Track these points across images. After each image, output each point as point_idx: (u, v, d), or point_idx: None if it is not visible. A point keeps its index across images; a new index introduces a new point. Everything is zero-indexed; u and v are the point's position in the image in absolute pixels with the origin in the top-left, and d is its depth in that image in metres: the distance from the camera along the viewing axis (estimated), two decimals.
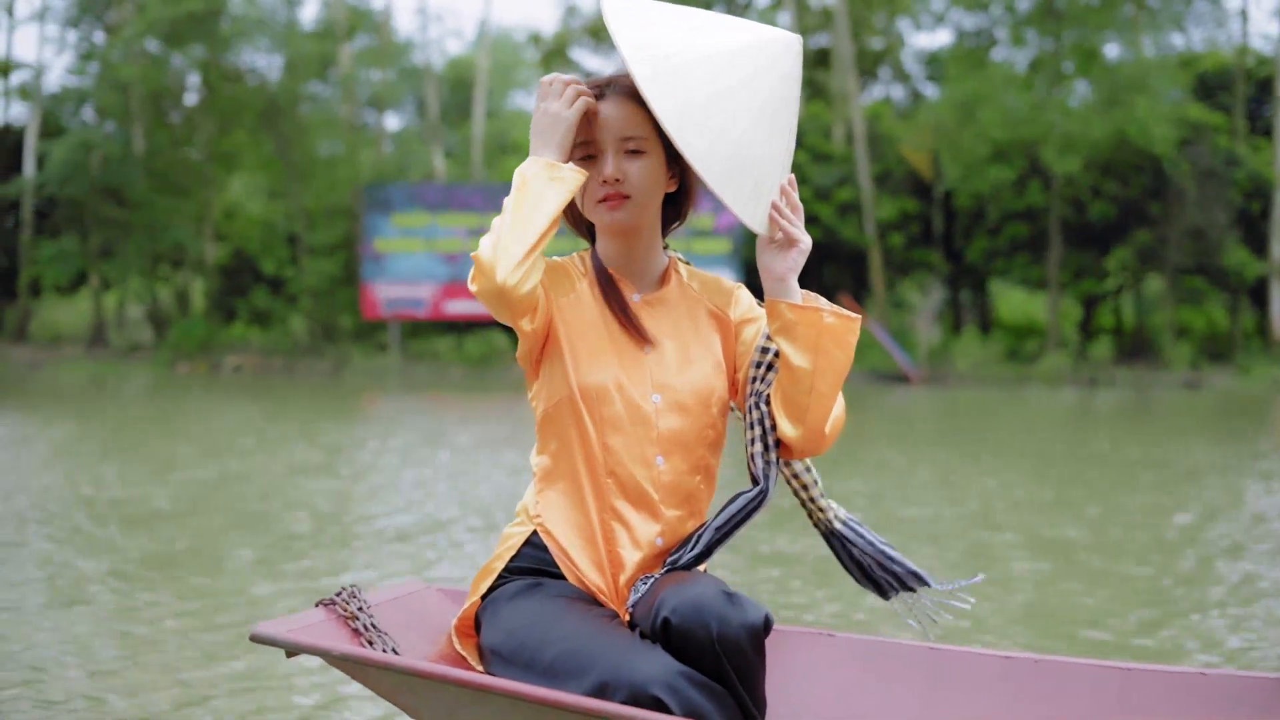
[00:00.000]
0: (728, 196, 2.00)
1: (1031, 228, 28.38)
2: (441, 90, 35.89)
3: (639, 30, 1.98)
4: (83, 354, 30.07)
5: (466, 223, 28.65)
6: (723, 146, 1.96)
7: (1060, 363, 26.65)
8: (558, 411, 2.14)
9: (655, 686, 1.78)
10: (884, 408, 18.47)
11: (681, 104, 1.94)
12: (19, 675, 3.49)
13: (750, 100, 2.00)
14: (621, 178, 2.09)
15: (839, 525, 2.24)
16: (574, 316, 2.15)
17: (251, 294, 31.12)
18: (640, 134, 2.10)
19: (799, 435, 2.09)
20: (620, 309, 2.17)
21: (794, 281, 2.08)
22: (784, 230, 2.07)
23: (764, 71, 2.02)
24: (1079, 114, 26.45)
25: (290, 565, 5.23)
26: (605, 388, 2.11)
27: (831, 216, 28.49)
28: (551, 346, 2.15)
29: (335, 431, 12.64)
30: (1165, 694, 2.08)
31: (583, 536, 2.12)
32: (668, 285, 2.23)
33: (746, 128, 1.99)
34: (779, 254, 2.08)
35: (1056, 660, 2.16)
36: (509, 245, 1.99)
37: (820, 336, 2.05)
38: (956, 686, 2.17)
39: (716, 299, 2.24)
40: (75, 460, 9.29)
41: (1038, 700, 2.13)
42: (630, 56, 1.95)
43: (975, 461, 10.35)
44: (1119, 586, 5.01)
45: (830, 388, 2.07)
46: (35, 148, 31.70)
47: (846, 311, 2.07)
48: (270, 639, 1.92)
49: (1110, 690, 2.10)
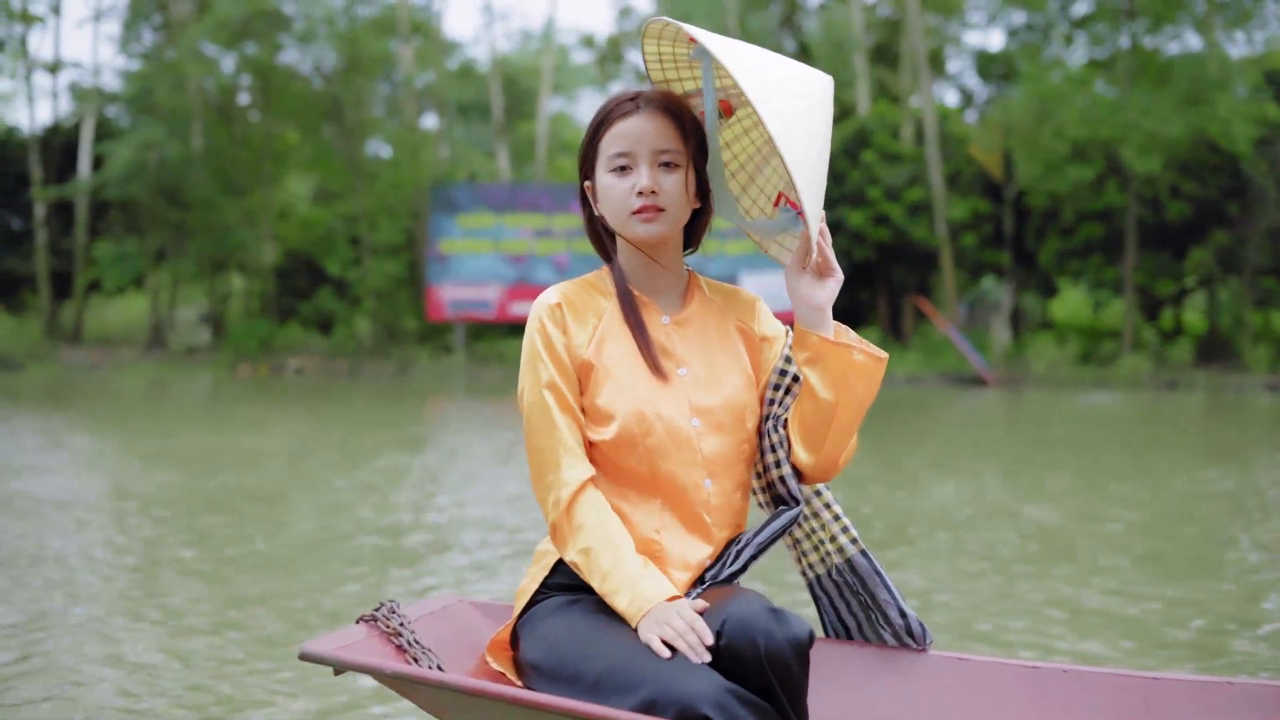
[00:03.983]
0: (808, 207, 1.99)
1: (1106, 228, 27.95)
2: (489, 91, 35.62)
3: (726, 43, 2.03)
4: (141, 356, 29.85)
5: (532, 223, 28.33)
6: (809, 156, 1.99)
7: (1138, 365, 26.23)
8: (604, 444, 2.13)
9: (704, 704, 1.79)
10: (968, 412, 18.08)
11: (777, 109, 1.97)
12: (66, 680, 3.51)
13: (816, 124, 2.04)
14: (658, 189, 2.10)
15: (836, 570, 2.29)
16: (606, 349, 2.15)
17: (316, 295, 30.82)
18: (675, 147, 2.12)
19: (813, 463, 2.15)
20: (649, 336, 2.17)
21: (829, 313, 2.11)
22: (825, 257, 2.09)
23: (820, 103, 2.07)
24: (1159, 112, 25.99)
25: (352, 570, 5.19)
26: (645, 416, 2.11)
27: (902, 216, 28.11)
28: (587, 380, 2.15)
29: (404, 436, 12.36)
30: (1193, 703, 2.09)
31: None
32: (693, 303, 2.23)
33: (818, 148, 2.03)
34: (818, 283, 2.11)
35: (1084, 670, 2.18)
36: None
37: (848, 372, 2.09)
38: (986, 696, 2.20)
39: (740, 313, 2.27)
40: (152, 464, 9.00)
41: (1067, 709, 2.15)
42: (727, 57, 1.98)
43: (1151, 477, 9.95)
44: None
45: (851, 422, 2.13)
46: (91, 149, 31.52)
47: (875, 350, 2.11)
48: (319, 657, 1.91)
49: (1137, 699, 2.12)
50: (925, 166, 28.58)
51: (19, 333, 31.23)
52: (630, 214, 2.11)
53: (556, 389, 2.12)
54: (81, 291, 32.15)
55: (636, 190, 2.09)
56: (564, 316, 2.15)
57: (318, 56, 30.42)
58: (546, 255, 28.29)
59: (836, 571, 2.30)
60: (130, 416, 14.69)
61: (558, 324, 2.15)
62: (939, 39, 34.89)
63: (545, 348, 2.14)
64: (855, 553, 2.28)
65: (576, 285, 2.21)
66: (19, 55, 32.24)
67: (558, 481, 2.09)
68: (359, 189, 29.95)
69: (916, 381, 26.01)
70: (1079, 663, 3.75)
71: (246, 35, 29.10)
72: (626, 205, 2.11)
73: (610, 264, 2.22)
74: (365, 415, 15.41)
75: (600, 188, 2.15)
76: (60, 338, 31.76)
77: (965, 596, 4.85)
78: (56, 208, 33.02)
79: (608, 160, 2.12)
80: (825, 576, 2.31)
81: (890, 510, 7.21)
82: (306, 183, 34.67)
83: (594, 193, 2.19)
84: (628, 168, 2.11)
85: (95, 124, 31.90)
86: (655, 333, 2.18)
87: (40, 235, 31.61)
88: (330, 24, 29.57)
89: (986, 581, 5.16)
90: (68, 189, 31.13)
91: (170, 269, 31.09)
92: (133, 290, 33.74)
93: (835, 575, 2.30)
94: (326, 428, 13.14)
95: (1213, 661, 3.88)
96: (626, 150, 2.10)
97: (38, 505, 6.95)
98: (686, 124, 2.15)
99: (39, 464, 9.02)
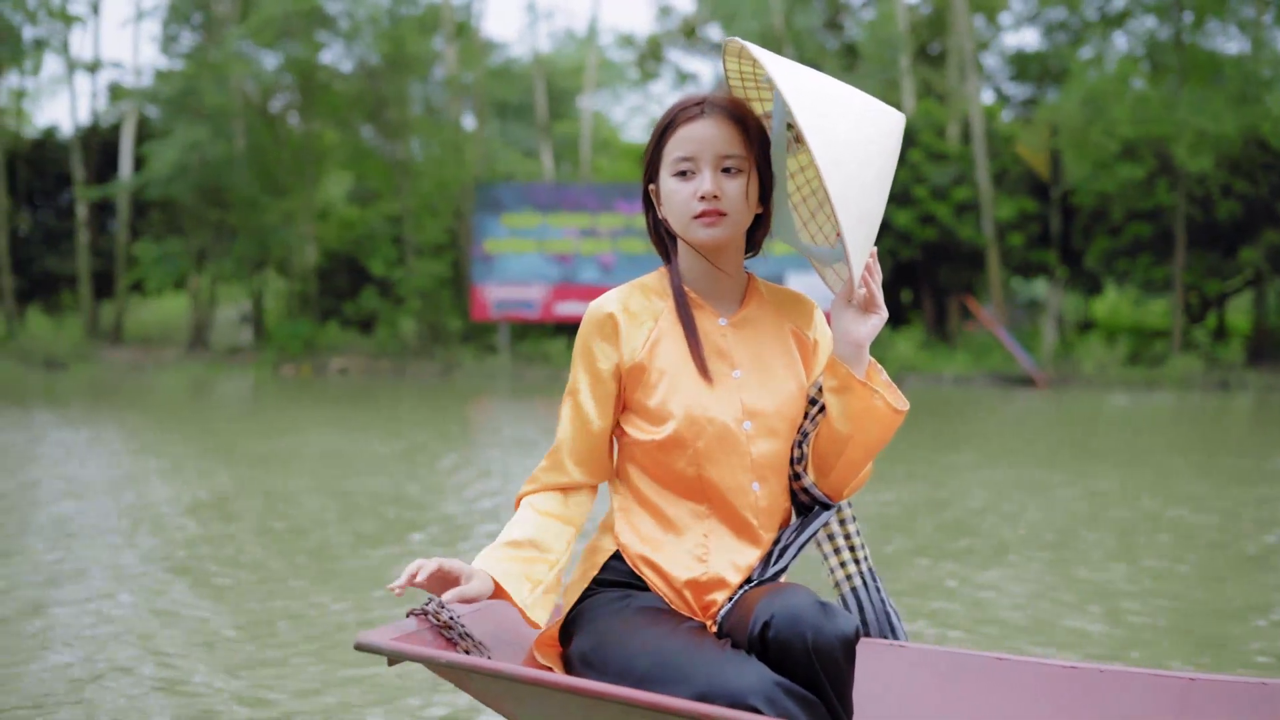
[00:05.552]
0: (850, 239, 1.96)
1: (1154, 228, 27.71)
2: (529, 90, 35.52)
3: (784, 62, 2.03)
4: (183, 356, 29.83)
5: (578, 223, 28.21)
6: (854, 188, 1.97)
7: (1189, 366, 25.99)
8: (653, 444, 2.15)
9: (753, 697, 1.82)
10: (1019, 414, 17.91)
11: (830, 140, 1.95)
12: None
13: (875, 156, 2.03)
14: (720, 194, 2.11)
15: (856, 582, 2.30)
16: (659, 351, 2.17)
17: (360, 295, 30.75)
18: (739, 153, 2.13)
19: (820, 486, 2.19)
20: (703, 338, 2.18)
21: (867, 351, 2.10)
22: (871, 291, 2.08)
23: (886, 135, 2.06)
24: (1211, 110, 25.76)
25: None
26: (696, 419, 2.13)
27: (948, 216, 27.93)
28: (639, 383, 2.18)
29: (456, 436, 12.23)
30: (1228, 703, 2.09)
31: (677, 556, 2.14)
32: (750, 305, 2.25)
33: (870, 180, 2.01)
34: (861, 318, 2.10)
35: (1121, 670, 2.19)
36: None
37: (866, 413, 2.10)
38: (1023, 695, 2.22)
39: (797, 318, 2.28)
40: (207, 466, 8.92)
41: (1103, 708, 2.17)
42: (783, 81, 1.96)
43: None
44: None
45: (860, 459, 2.14)
46: (132, 149, 31.50)
47: (897, 400, 2.11)
48: (375, 647, 1.94)
49: (1173, 699, 2.13)
50: (972, 166, 28.41)
51: (57, 333, 31.24)
52: (692, 218, 2.13)
53: (576, 396, 2.20)
54: (124, 291, 32.13)
55: (699, 195, 2.12)
56: (616, 327, 2.18)
57: (362, 55, 30.35)
58: (592, 255, 28.17)
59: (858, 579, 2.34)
60: (210, 420, 14.63)
61: (605, 336, 2.19)
62: (981, 39, 34.72)
63: (583, 355, 2.20)
64: (865, 569, 2.33)
65: (634, 289, 2.24)
66: (60, 54, 32.24)
67: (533, 477, 2.24)
68: (402, 188, 29.88)
69: (965, 382, 25.83)
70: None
71: (289, 34, 29.04)
72: (689, 209, 2.13)
73: (670, 265, 2.24)
74: (448, 415, 15.34)
75: (664, 191, 2.17)
76: (101, 338, 31.75)
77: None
78: (95, 208, 33.01)
79: (671, 164, 2.14)
80: (854, 584, 2.34)
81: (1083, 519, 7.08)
82: (342, 183, 34.60)
83: (658, 195, 2.21)
84: (691, 172, 2.13)
85: (136, 124, 31.88)
86: (711, 334, 2.20)
87: (83, 235, 31.61)
88: (375, 22, 29.50)
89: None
90: (111, 189, 31.09)
91: (212, 269, 31.05)
92: (170, 290, 33.72)
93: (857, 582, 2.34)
94: (416, 430, 13.07)
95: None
96: (690, 154, 2.13)
97: (237, 512, 6.86)
98: (751, 130, 2.16)
99: (181, 471, 8.94)
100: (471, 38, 32.48)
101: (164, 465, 8.81)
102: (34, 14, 31.00)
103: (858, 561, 2.31)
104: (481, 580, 2.07)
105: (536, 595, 2.12)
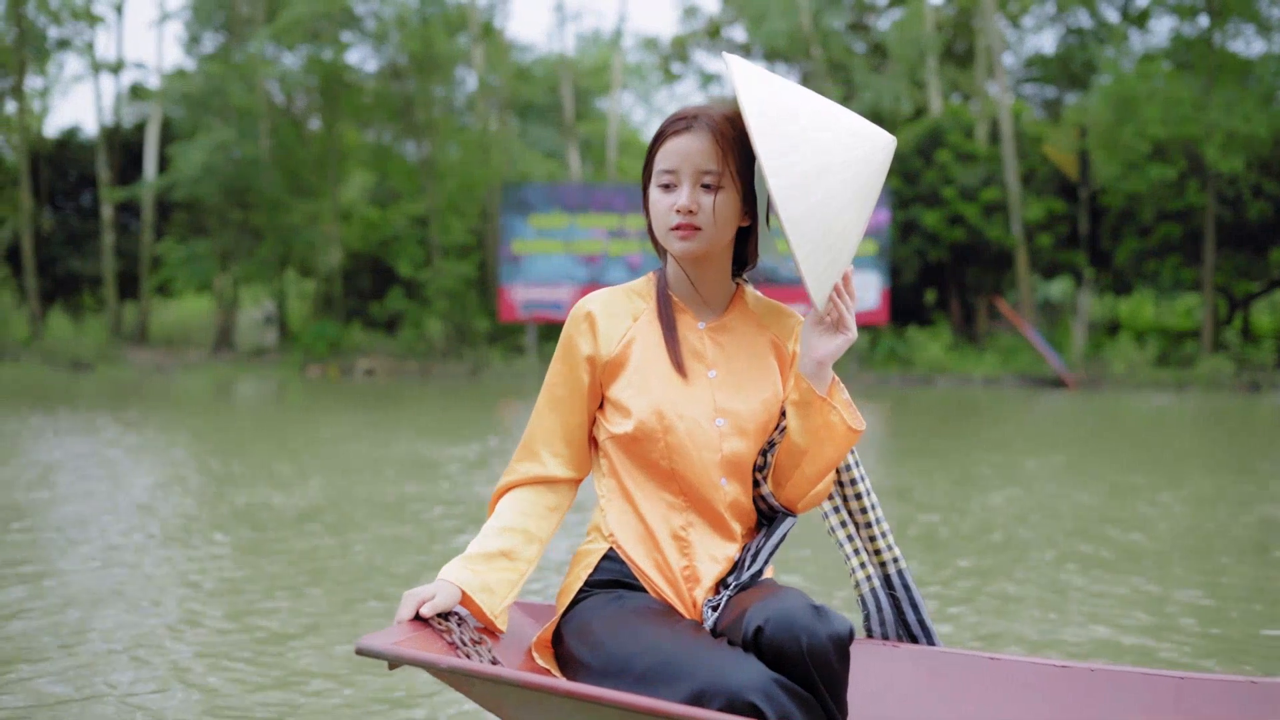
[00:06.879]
0: (805, 265, 1.99)
1: (1184, 228, 27.65)
2: (555, 91, 35.51)
3: (763, 85, 2.03)
4: (209, 357, 29.83)
5: (606, 224, 28.19)
6: (815, 216, 1.98)
7: (1219, 366, 25.93)
8: (625, 437, 2.20)
9: (752, 693, 1.83)
10: (1051, 414, 17.84)
11: (789, 166, 1.97)
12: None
13: (849, 182, 2.03)
14: (695, 209, 2.15)
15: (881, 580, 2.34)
16: (634, 348, 2.22)
17: (386, 296, 30.75)
18: (718, 169, 2.15)
19: (776, 497, 2.24)
20: (680, 339, 2.23)
21: (829, 369, 2.14)
22: (840, 312, 2.11)
23: (865, 160, 2.06)
24: (1242, 110, 25.71)
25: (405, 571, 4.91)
26: (664, 414, 2.17)
27: (977, 216, 27.88)
28: (613, 377, 2.23)
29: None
30: (1220, 702, 2.12)
31: (658, 553, 2.19)
32: (732, 314, 2.28)
33: (840, 207, 2.02)
34: (826, 336, 2.13)
35: (1114, 669, 2.21)
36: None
37: (824, 428, 2.14)
38: (1016, 694, 2.24)
39: (778, 330, 2.30)
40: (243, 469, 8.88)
41: (1097, 707, 2.19)
42: (748, 108, 1.98)
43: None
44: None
45: (815, 474, 2.18)
46: (156, 150, 31.52)
47: (853, 420, 2.14)
48: (376, 652, 1.92)
49: (1165, 698, 2.15)
50: (1000, 166, 28.36)
51: (81, 334, 31.24)
52: (669, 230, 2.18)
53: (552, 390, 2.26)
54: (149, 292, 32.13)
55: (675, 208, 2.16)
56: (594, 323, 2.24)
57: (389, 56, 30.35)
58: (620, 255, 28.16)
59: (880, 581, 2.37)
60: (251, 423, 14.59)
61: (582, 332, 2.25)
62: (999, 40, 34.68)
63: (561, 349, 2.26)
64: (893, 571, 2.35)
65: (620, 290, 2.31)
66: (85, 54, 32.25)
67: (510, 468, 2.29)
68: (428, 189, 29.86)
69: (994, 383, 25.78)
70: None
71: (315, 35, 29.04)
72: (667, 221, 2.18)
73: (660, 269, 2.33)
74: (502, 418, 15.30)
75: (650, 200, 2.23)
76: (125, 338, 31.76)
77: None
78: (118, 209, 33.03)
79: (657, 175, 2.19)
80: (874, 584, 2.37)
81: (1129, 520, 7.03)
82: (363, 184, 34.60)
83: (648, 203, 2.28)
84: (672, 185, 2.18)
85: (160, 125, 31.89)
86: (689, 337, 2.25)
87: (108, 236, 31.62)
88: (402, 23, 29.49)
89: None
90: (137, 189, 31.09)
91: (238, 270, 31.05)
92: (193, 291, 33.72)
93: (882, 583, 2.37)
94: (475, 431, 13.03)
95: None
96: (672, 168, 2.17)
97: (305, 518, 6.82)
98: (736, 146, 2.16)
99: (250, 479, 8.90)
100: (497, 39, 32.48)
101: (242, 469, 8.78)
102: (57, 14, 31.02)
103: (883, 565, 2.34)
104: (447, 591, 2.12)
105: (506, 603, 2.18)
